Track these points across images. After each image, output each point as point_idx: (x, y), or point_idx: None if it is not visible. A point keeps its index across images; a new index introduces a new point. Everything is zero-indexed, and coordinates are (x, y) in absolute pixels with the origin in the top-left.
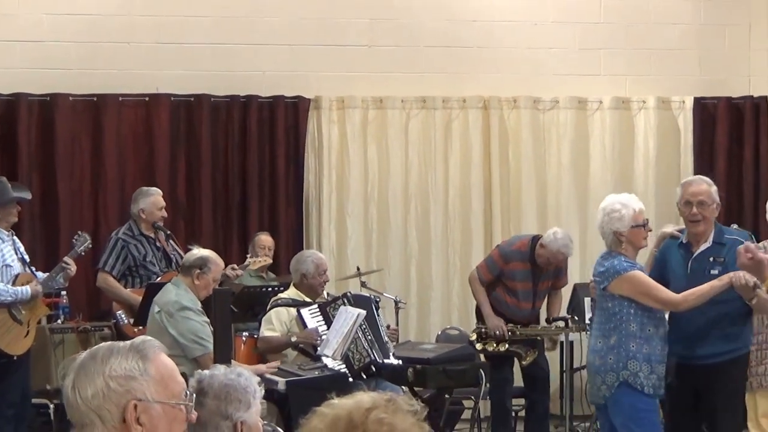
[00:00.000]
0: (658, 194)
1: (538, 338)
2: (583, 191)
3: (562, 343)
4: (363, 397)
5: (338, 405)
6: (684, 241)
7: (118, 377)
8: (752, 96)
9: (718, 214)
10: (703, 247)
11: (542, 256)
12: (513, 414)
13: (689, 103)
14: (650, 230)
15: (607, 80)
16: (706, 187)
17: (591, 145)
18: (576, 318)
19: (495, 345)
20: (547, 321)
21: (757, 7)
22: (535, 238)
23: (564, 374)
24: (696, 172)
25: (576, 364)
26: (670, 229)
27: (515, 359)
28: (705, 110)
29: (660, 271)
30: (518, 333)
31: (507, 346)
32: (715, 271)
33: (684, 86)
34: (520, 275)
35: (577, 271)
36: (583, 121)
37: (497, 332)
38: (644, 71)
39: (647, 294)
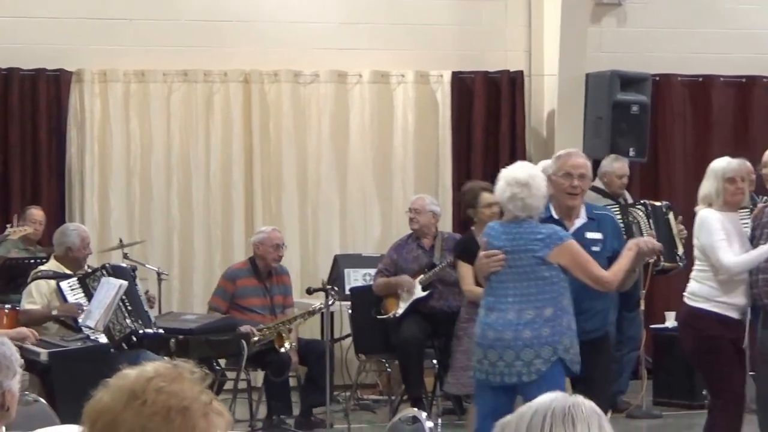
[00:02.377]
0: (417, 167)
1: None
2: (343, 163)
3: (322, 314)
4: (147, 367)
5: (124, 376)
6: (555, 216)
7: None
8: (509, 70)
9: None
10: (578, 223)
11: (262, 253)
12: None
13: (447, 77)
14: None
15: (367, 54)
16: (584, 160)
17: (351, 118)
18: (336, 289)
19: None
20: (308, 292)
21: None
22: (251, 258)
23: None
24: (454, 145)
25: (336, 335)
26: None
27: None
28: (463, 84)
29: None
30: (266, 331)
31: (258, 339)
32: (596, 248)
33: (442, 61)
34: (251, 291)
35: (337, 242)
36: (343, 94)
37: (249, 332)
38: (403, 46)
39: (583, 266)
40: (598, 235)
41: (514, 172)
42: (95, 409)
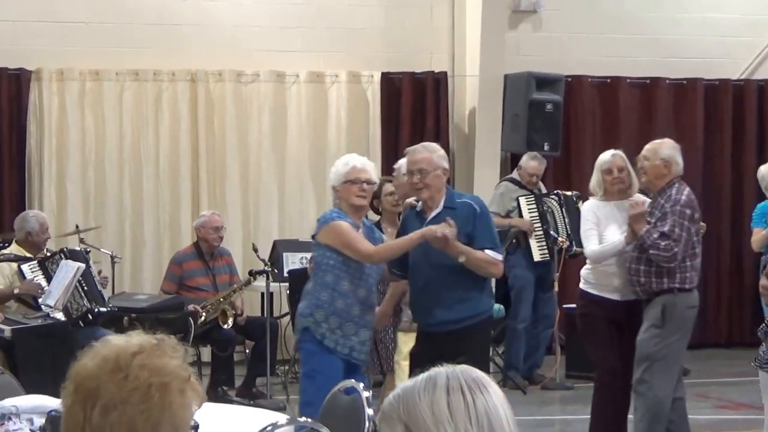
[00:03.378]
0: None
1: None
2: (282, 156)
3: (262, 293)
4: (132, 340)
5: (110, 345)
6: (419, 210)
7: None
8: (434, 71)
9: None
10: (434, 212)
11: (204, 235)
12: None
13: (377, 77)
14: (364, 189)
15: (304, 56)
16: (427, 154)
17: (289, 115)
18: (276, 270)
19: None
20: (250, 274)
21: None
22: (195, 242)
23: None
24: (383, 141)
25: (276, 313)
26: (410, 199)
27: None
28: (391, 84)
29: None
30: (210, 307)
31: (204, 318)
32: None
33: (372, 62)
34: (196, 272)
35: (276, 228)
36: (281, 93)
37: (195, 311)
38: (337, 48)
39: (347, 244)
40: (452, 223)
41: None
42: (80, 374)
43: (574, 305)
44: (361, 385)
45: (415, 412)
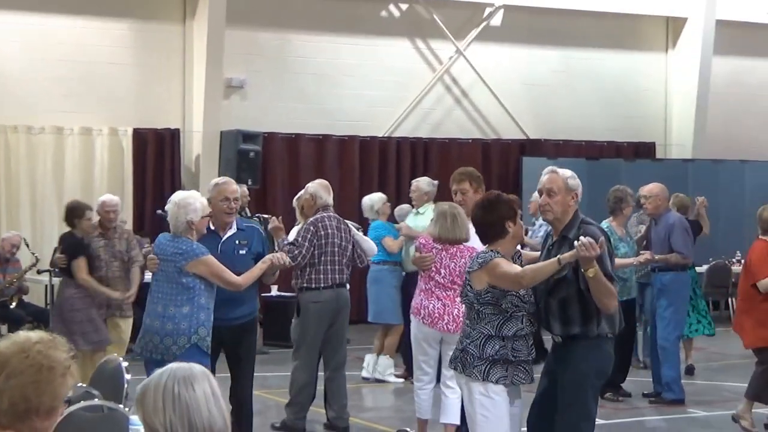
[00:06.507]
0: (111, 190)
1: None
2: (61, 189)
3: (46, 285)
4: (35, 334)
5: (20, 335)
6: (212, 228)
7: None
8: (170, 128)
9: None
10: (230, 232)
11: (1, 245)
12: None
13: (130, 131)
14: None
15: (77, 115)
16: (236, 186)
17: (66, 159)
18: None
19: None
20: (38, 272)
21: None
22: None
23: None
24: (134, 179)
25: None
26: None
27: None
28: (140, 137)
29: None
30: (13, 283)
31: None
32: (243, 251)
33: (127, 120)
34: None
35: (56, 237)
36: (61, 142)
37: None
38: (101, 109)
39: (218, 275)
40: (245, 242)
41: (174, 197)
42: None
43: (270, 294)
44: (115, 354)
45: (145, 400)
